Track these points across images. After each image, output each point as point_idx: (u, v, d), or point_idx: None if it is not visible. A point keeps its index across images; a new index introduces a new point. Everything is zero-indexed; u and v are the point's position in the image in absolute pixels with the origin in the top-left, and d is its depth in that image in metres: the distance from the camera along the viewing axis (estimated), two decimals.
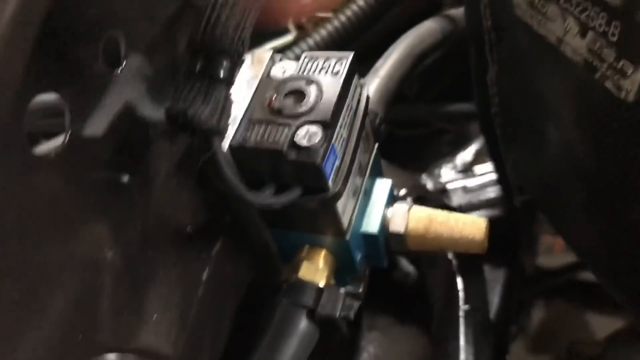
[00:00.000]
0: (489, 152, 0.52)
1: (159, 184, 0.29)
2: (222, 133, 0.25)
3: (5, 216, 0.22)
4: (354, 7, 0.47)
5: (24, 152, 0.22)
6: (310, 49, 0.45)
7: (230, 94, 0.26)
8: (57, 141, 0.25)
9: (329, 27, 0.45)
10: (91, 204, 0.26)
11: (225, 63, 0.25)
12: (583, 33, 0.30)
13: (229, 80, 0.26)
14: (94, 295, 0.27)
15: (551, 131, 0.39)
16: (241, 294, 0.34)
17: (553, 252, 0.80)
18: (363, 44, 0.48)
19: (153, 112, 0.28)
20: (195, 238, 0.31)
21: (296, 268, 0.31)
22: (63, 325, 0.25)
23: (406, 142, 0.63)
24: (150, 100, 0.28)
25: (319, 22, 0.47)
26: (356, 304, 0.30)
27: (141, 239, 0.29)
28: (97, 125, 0.26)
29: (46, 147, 0.24)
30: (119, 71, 0.26)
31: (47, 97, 0.23)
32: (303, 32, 0.49)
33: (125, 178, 0.28)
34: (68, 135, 0.24)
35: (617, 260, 0.39)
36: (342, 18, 0.46)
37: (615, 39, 0.28)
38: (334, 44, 0.45)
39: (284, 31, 0.50)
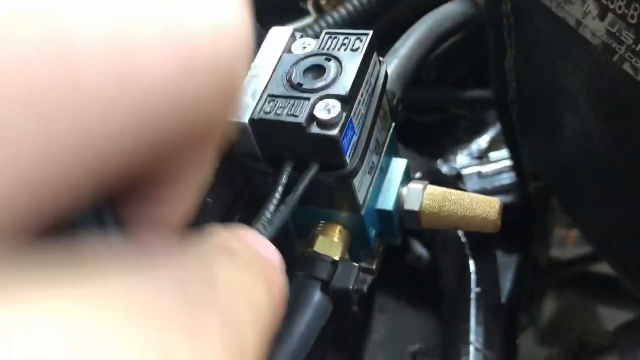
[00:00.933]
0: (505, 138, 0.53)
1: None
2: None
3: None
4: None
5: None
6: (330, 28, 0.45)
7: None
8: None
9: (349, 6, 0.45)
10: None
11: None
12: (602, 15, 0.30)
13: None
14: None
15: (568, 117, 0.39)
16: None
17: (565, 245, 0.80)
18: (382, 26, 0.48)
19: None
20: (215, 211, 0.32)
21: (311, 242, 0.32)
22: None
23: (423, 127, 0.63)
24: None
25: (338, 3, 0.48)
26: (369, 278, 0.31)
27: None
28: None
29: None
30: None
31: None
32: (322, 13, 0.49)
33: None
34: None
35: (630, 248, 0.39)
36: None
37: (634, 21, 0.28)
38: (352, 24, 0.46)
39: (303, 13, 0.51)
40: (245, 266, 0.16)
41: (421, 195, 0.33)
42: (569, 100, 0.38)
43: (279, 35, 0.31)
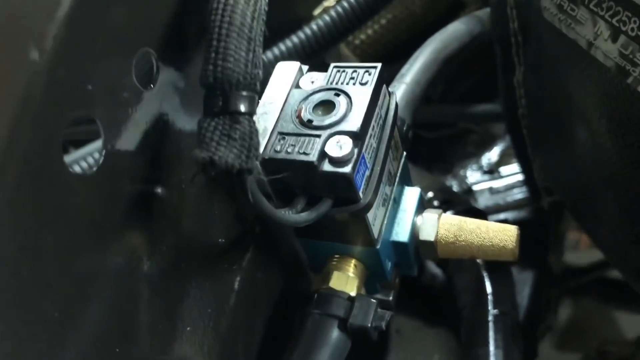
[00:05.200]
0: (516, 153, 0.52)
1: (191, 197, 0.29)
2: (251, 170, 0.25)
3: (44, 230, 0.22)
4: None
5: (61, 169, 0.23)
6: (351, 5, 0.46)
7: (254, 123, 0.25)
8: (93, 159, 0.25)
9: None
10: (126, 217, 0.27)
11: (243, 95, 0.24)
12: (614, 37, 0.29)
13: (251, 112, 0.25)
14: (130, 308, 0.27)
15: (580, 134, 0.39)
16: (272, 304, 0.34)
17: (579, 248, 0.79)
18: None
19: (185, 125, 0.28)
20: (227, 249, 0.31)
21: (327, 278, 0.31)
22: (100, 339, 0.25)
23: (431, 143, 0.63)
24: (182, 114, 0.28)
25: None
26: (388, 315, 0.30)
27: (175, 250, 0.29)
28: (130, 139, 0.26)
29: (82, 165, 0.25)
30: (151, 87, 0.26)
31: (82, 114, 0.23)
32: None
33: (159, 190, 0.28)
34: (103, 154, 0.24)
35: None
36: None
37: None
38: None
39: None
40: None
41: (437, 225, 0.32)
42: (581, 118, 0.37)
43: (286, 70, 0.30)
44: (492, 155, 0.61)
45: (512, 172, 0.56)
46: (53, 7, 0.20)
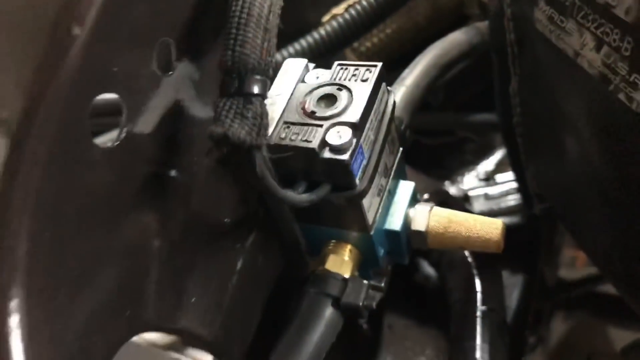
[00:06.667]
0: (510, 161, 0.54)
1: (201, 179, 0.32)
2: (260, 146, 0.27)
3: (68, 203, 0.25)
4: None
5: (87, 145, 0.25)
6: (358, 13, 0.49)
7: (265, 105, 0.28)
8: (114, 135, 0.27)
9: None
10: (141, 196, 0.29)
11: (257, 79, 0.27)
12: (598, 47, 0.32)
13: (263, 95, 0.28)
14: (141, 278, 0.29)
15: (569, 141, 0.41)
16: (271, 284, 0.36)
17: (575, 266, 0.80)
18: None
19: (198, 113, 0.31)
20: (232, 230, 0.33)
21: (323, 260, 0.34)
22: (113, 301, 0.27)
23: (431, 150, 0.65)
24: (196, 103, 0.30)
25: None
26: (378, 295, 0.32)
27: (184, 229, 0.31)
28: (148, 122, 0.29)
29: (104, 139, 0.27)
30: (170, 74, 0.29)
31: (108, 96, 0.26)
32: None
33: (172, 173, 0.30)
34: (124, 130, 0.27)
35: (630, 267, 0.40)
36: None
37: (627, 53, 0.30)
38: None
39: None
40: None
41: (428, 217, 0.35)
42: (570, 126, 0.39)
43: (293, 66, 0.33)
44: (489, 163, 0.63)
45: (507, 180, 0.58)
46: None
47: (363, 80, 0.31)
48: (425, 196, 0.52)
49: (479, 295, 0.46)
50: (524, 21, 0.39)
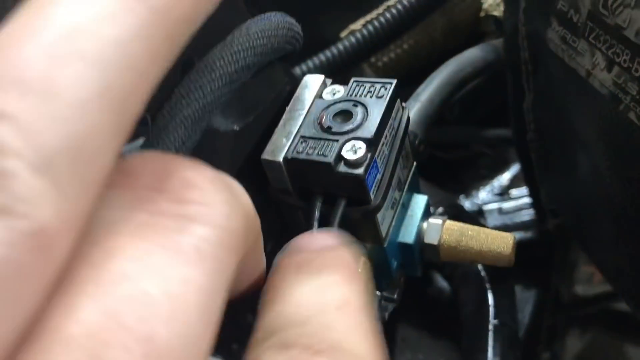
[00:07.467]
0: (524, 176, 0.55)
1: None
2: None
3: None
4: None
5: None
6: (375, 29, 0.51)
7: None
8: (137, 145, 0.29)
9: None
10: None
11: None
12: (609, 67, 0.33)
13: None
14: None
15: (582, 158, 0.41)
16: None
17: (592, 282, 0.80)
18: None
19: (222, 126, 0.32)
20: None
21: None
22: None
23: (446, 164, 0.66)
24: (221, 116, 0.32)
25: None
26: (390, 306, 0.33)
27: None
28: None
29: (127, 149, 0.28)
30: None
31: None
32: None
33: None
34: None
35: None
36: None
37: (638, 74, 0.31)
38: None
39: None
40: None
41: (440, 230, 0.35)
42: (582, 143, 0.40)
43: (312, 82, 0.34)
44: (503, 178, 0.64)
45: (521, 195, 0.59)
46: None
47: (378, 97, 0.32)
48: (440, 210, 0.53)
49: (491, 310, 0.47)
50: (538, 40, 0.40)
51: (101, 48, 0.14)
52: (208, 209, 0.16)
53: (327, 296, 0.18)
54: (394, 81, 0.32)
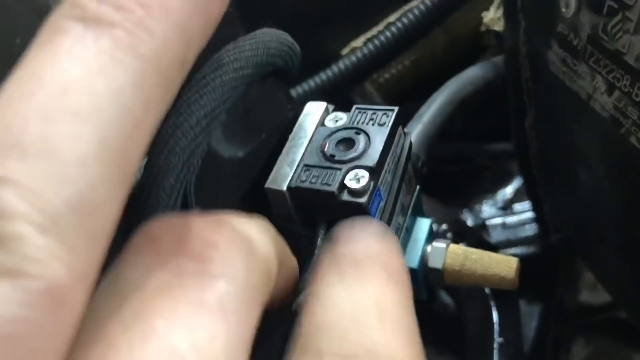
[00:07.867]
0: (527, 192, 0.55)
1: None
2: None
3: None
4: None
5: None
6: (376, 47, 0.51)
7: None
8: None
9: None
10: None
11: None
12: (610, 91, 0.33)
13: None
14: None
15: (584, 175, 0.42)
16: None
17: (596, 289, 0.80)
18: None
19: (226, 152, 0.32)
20: None
21: None
22: None
23: (449, 177, 0.66)
24: (225, 142, 0.32)
25: None
26: None
27: None
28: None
29: None
30: None
31: None
32: None
33: (196, 212, 0.32)
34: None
35: None
36: None
37: (638, 99, 0.31)
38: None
39: None
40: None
41: (444, 254, 0.35)
42: (584, 162, 0.40)
43: (314, 109, 0.34)
44: (507, 192, 0.64)
45: (524, 209, 0.59)
46: None
47: (380, 124, 0.32)
48: (444, 226, 0.53)
49: (495, 327, 0.47)
50: (539, 60, 0.41)
51: (94, 103, 0.14)
52: (228, 266, 0.16)
53: (368, 303, 0.19)
54: (396, 109, 0.33)
